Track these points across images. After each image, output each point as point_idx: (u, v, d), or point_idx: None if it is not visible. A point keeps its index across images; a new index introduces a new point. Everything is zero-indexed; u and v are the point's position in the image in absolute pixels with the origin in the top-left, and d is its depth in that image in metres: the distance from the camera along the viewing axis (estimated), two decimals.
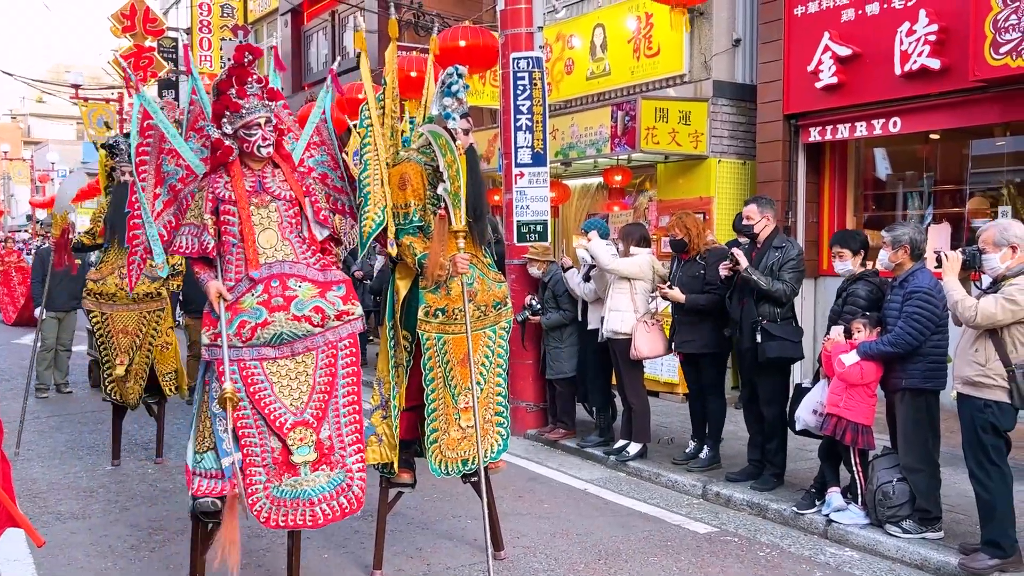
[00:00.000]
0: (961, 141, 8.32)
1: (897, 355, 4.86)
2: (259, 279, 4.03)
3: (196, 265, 4.14)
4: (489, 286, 4.58)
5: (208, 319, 4.05)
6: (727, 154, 9.43)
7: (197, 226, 4.12)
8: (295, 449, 3.94)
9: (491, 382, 4.61)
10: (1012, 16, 6.67)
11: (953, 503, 5.21)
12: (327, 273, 4.17)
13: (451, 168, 4.30)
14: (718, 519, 5.59)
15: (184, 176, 4.26)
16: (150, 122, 4.28)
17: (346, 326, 4.13)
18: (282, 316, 3.99)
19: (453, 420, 4.46)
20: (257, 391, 3.96)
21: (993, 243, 4.37)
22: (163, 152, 4.25)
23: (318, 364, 4.06)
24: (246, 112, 4.09)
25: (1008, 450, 4.51)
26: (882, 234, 5.07)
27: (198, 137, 4.34)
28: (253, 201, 4.12)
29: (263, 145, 4.11)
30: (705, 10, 9.33)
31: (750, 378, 5.97)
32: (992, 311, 4.22)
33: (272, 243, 4.10)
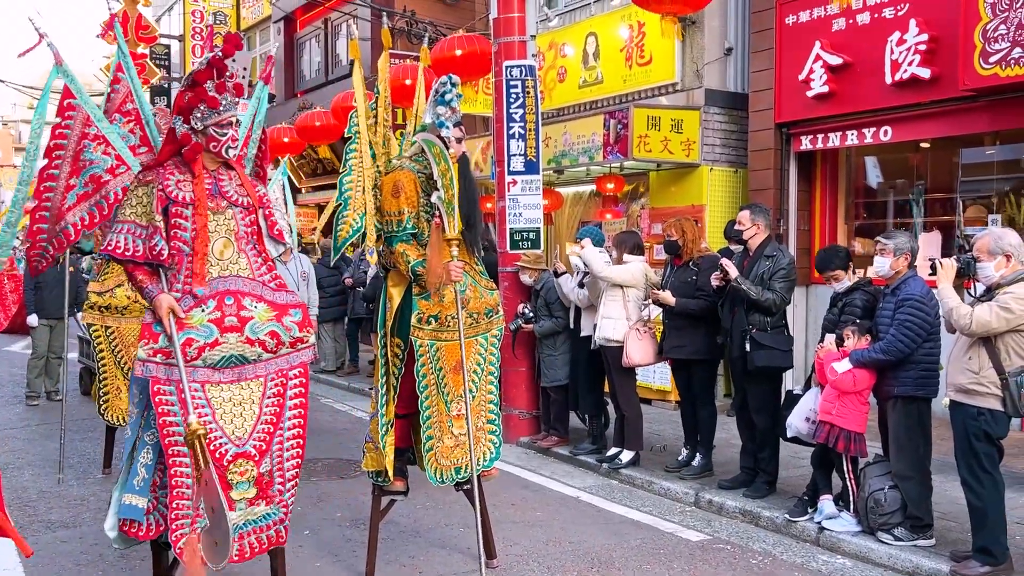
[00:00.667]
0: (951, 150, 8.37)
1: (889, 362, 4.87)
2: (210, 294, 3.67)
3: (137, 271, 3.67)
4: (481, 293, 4.56)
5: (148, 331, 3.63)
6: (719, 162, 9.46)
7: (142, 226, 3.66)
8: (234, 484, 3.63)
9: (483, 390, 4.59)
10: (1001, 26, 6.73)
11: (944, 510, 5.22)
12: (283, 294, 3.84)
13: (445, 176, 4.28)
14: (711, 527, 5.59)
15: (113, 167, 3.86)
16: (72, 102, 3.88)
17: (298, 354, 3.85)
18: (234, 337, 3.65)
19: (447, 428, 4.44)
20: (199, 417, 3.59)
21: (988, 251, 4.39)
22: (85, 137, 3.84)
23: (266, 392, 3.74)
24: (223, 109, 3.75)
25: (1000, 458, 4.52)
26: (881, 241, 5.05)
27: (124, 121, 3.96)
28: (210, 205, 3.74)
29: (232, 146, 3.78)
30: (697, 19, 9.37)
31: (741, 386, 5.98)
32: (987, 319, 4.24)
33: (227, 255, 3.74)
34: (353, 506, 5.82)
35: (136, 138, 3.87)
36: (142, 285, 3.67)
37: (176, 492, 3.59)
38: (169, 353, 3.57)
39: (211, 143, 3.74)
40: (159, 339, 3.60)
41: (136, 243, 3.64)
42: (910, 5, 7.73)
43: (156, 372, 3.60)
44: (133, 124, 3.86)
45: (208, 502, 3.51)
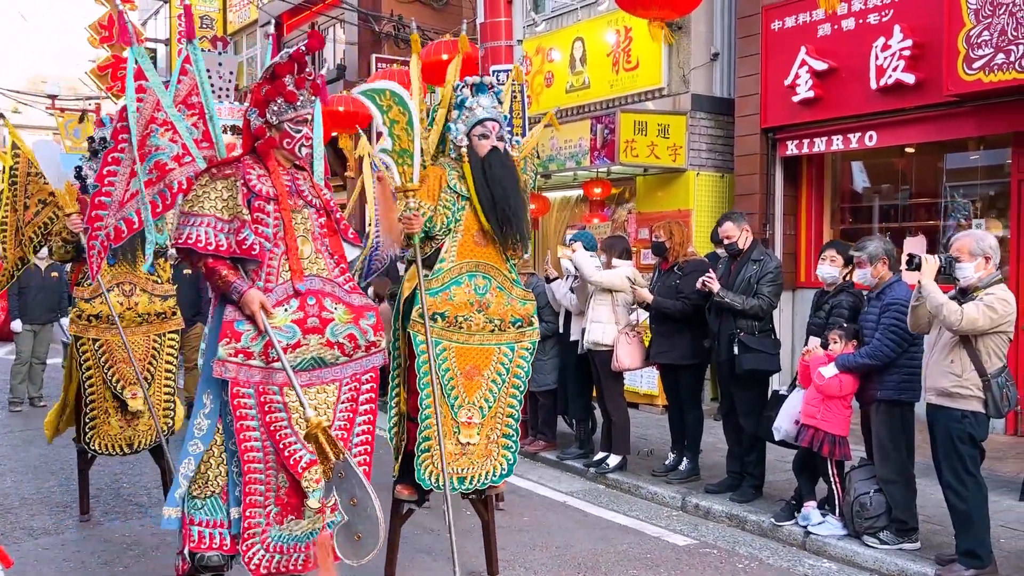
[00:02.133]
0: (936, 155, 8.43)
1: (876, 367, 4.89)
2: (292, 293, 3.52)
3: (220, 266, 3.48)
4: (507, 300, 4.38)
5: (230, 329, 3.44)
6: (705, 167, 9.49)
7: (225, 220, 3.49)
8: (310, 492, 3.45)
9: (502, 401, 4.39)
10: (984, 32, 6.78)
11: (928, 514, 5.24)
12: (358, 297, 3.71)
13: (396, 125, 4.10)
14: (697, 531, 5.59)
15: (179, 155, 3.66)
16: (144, 84, 3.67)
17: (372, 358, 3.70)
18: (316, 339, 3.51)
19: (451, 432, 4.26)
20: (274, 420, 3.46)
21: (969, 252, 4.41)
22: (154, 121, 3.66)
23: (340, 397, 3.61)
24: (300, 105, 3.61)
25: (981, 460, 4.54)
26: (855, 254, 5.10)
27: (188, 114, 3.80)
28: (288, 204, 3.61)
29: (306, 144, 3.66)
30: (683, 24, 9.41)
31: (728, 390, 5.99)
32: (975, 316, 4.26)
33: (306, 254, 3.61)
34: None
35: (199, 132, 3.74)
36: (228, 279, 3.46)
37: (250, 500, 3.45)
38: (251, 354, 3.43)
39: (285, 139, 3.62)
40: (241, 337, 3.42)
41: (219, 236, 3.47)
42: (894, 11, 7.78)
43: (236, 373, 3.43)
44: (197, 118, 3.74)
45: (347, 493, 3.33)
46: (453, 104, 4.43)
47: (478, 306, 4.27)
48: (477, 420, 4.29)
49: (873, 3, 7.97)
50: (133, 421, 5.47)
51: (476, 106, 4.35)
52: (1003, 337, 4.36)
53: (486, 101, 4.39)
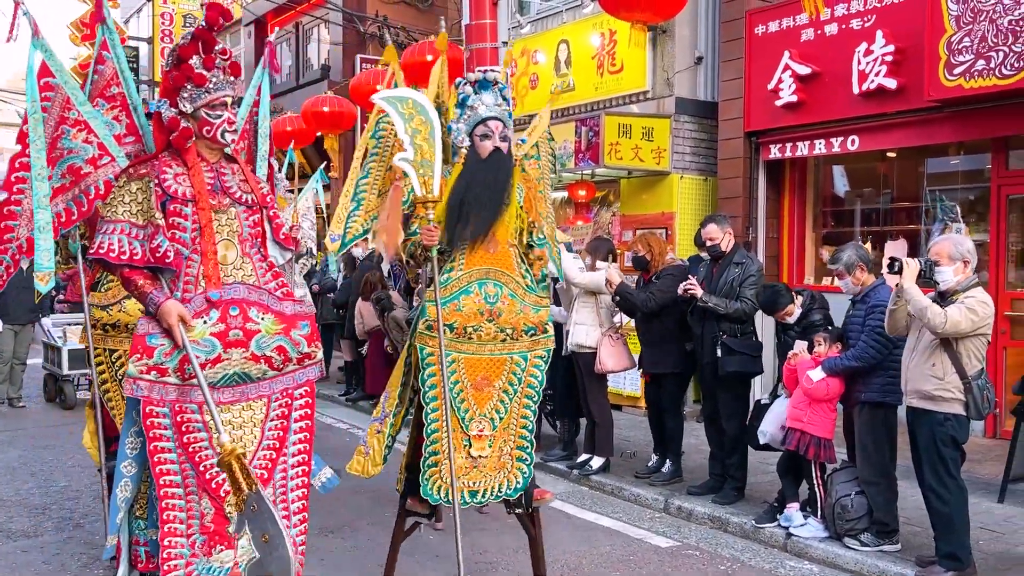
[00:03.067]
0: (917, 159, 8.49)
1: (862, 369, 4.93)
2: (214, 302, 3.25)
3: (136, 275, 3.25)
4: (520, 308, 4.12)
5: (141, 344, 3.19)
6: (689, 170, 9.53)
7: (139, 226, 3.23)
8: (232, 519, 3.20)
9: (515, 412, 4.17)
10: (965, 39, 6.84)
11: (909, 516, 5.28)
12: (290, 304, 3.42)
13: (419, 135, 3.85)
14: (680, 533, 5.61)
15: (95, 157, 3.39)
16: (50, 80, 3.37)
17: (305, 371, 3.46)
18: (239, 353, 3.26)
19: (461, 446, 4.07)
20: (192, 441, 3.21)
21: (948, 256, 4.45)
22: (64, 122, 3.38)
23: (270, 414, 3.35)
24: (212, 87, 3.30)
25: (962, 462, 4.58)
26: (830, 267, 5.15)
27: (108, 107, 3.51)
28: (211, 203, 3.33)
29: (228, 130, 3.34)
30: (667, 28, 9.44)
31: (711, 392, 6.02)
32: (958, 319, 4.29)
33: (230, 259, 3.33)
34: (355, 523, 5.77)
35: (122, 127, 3.45)
36: (144, 291, 3.23)
37: (168, 529, 3.20)
38: (164, 370, 3.19)
39: (204, 127, 3.32)
40: (154, 353, 3.18)
41: (133, 244, 3.22)
42: (877, 17, 7.84)
43: (149, 391, 3.18)
44: (119, 111, 3.45)
45: (259, 528, 3.07)
46: (449, 104, 4.25)
47: (488, 315, 4.05)
48: (488, 432, 4.10)
49: (856, 9, 8.03)
50: None
51: (478, 104, 4.14)
52: (982, 340, 4.40)
53: (489, 98, 4.17)
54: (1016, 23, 6.57)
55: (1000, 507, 5.74)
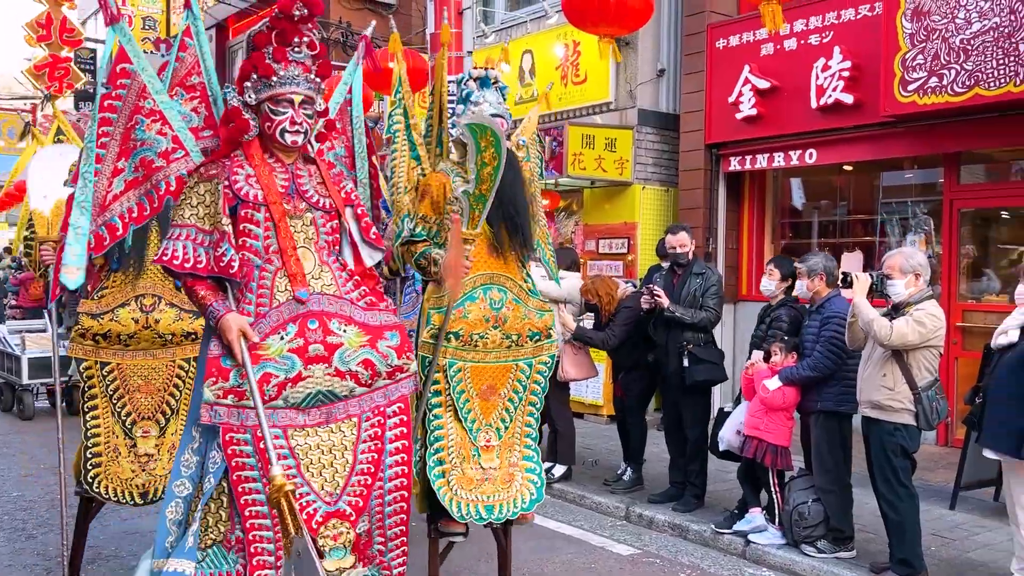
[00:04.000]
0: (872, 173, 8.68)
1: (817, 379, 5.02)
2: (289, 317, 2.95)
3: (199, 286, 2.97)
4: (524, 313, 3.99)
5: (216, 366, 2.90)
6: (651, 181, 9.63)
7: (206, 232, 2.97)
8: (327, 551, 2.97)
9: (519, 420, 4.03)
10: (919, 56, 7.02)
11: (864, 523, 5.38)
12: (375, 314, 3.13)
13: (486, 168, 3.65)
14: (641, 540, 5.66)
15: (168, 150, 3.14)
16: (126, 67, 3.12)
17: (398, 386, 3.16)
18: (321, 370, 2.96)
19: (470, 457, 3.90)
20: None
21: (899, 269, 4.56)
22: (139, 111, 3.13)
23: (361, 435, 3.07)
24: (278, 81, 3.01)
25: (913, 471, 4.69)
26: (796, 265, 5.27)
27: (187, 97, 3.27)
28: (285, 207, 3.04)
29: (288, 130, 3.02)
30: (631, 40, 9.55)
31: (674, 401, 6.08)
32: (905, 331, 4.40)
33: (309, 268, 3.05)
34: None
35: (200, 119, 3.22)
36: (205, 302, 2.94)
37: (256, 562, 2.91)
38: (243, 393, 2.88)
39: (265, 123, 3.04)
40: (230, 375, 2.87)
41: (198, 252, 2.95)
42: (835, 33, 8.01)
43: (228, 418, 2.88)
44: (198, 102, 3.21)
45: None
46: (442, 101, 4.11)
47: (494, 322, 3.90)
48: (495, 442, 3.95)
49: (814, 25, 8.19)
50: (148, 464, 4.43)
51: (483, 101, 4.05)
52: (933, 352, 4.51)
53: (492, 96, 4.09)
54: (967, 42, 6.76)
55: (951, 514, 5.88)
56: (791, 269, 5.43)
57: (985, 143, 7.37)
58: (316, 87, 3.10)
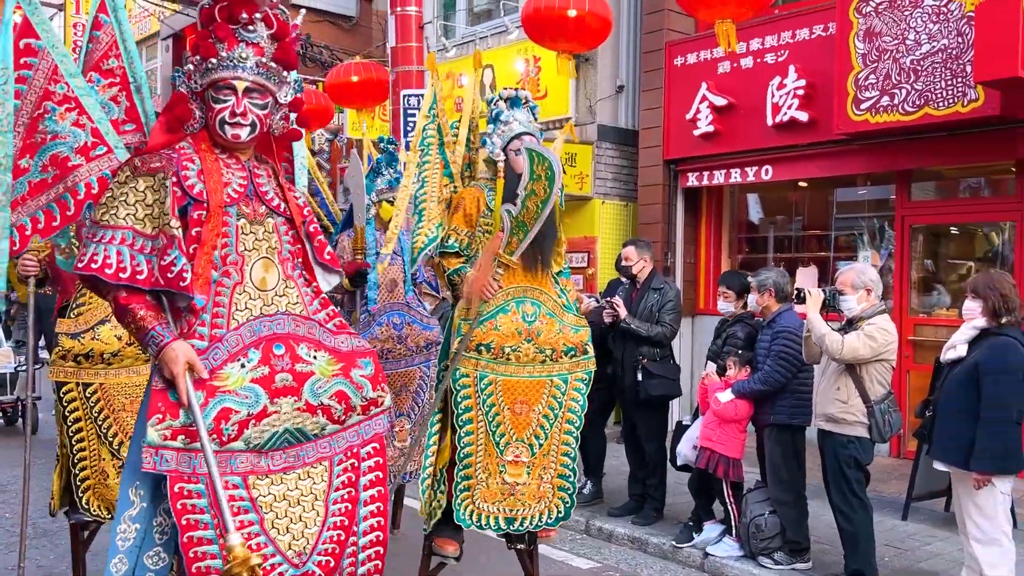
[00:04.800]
0: (827, 189, 8.85)
1: (768, 392, 5.09)
2: (251, 340, 2.51)
3: (135, 303, 2.47)
4: (559, 328, 3.96)
5: (163, 401, 2.42)
6: (610, 196, 9.71)
7: (147, 236, 2.47)
8: None
9: (555, 438, 3.95)
10: (871, 76, 7.18)
11: (820, 534, 5.46)
12: (345, 338, 2.71)
13: (534, 196, 3.66)
14: (600, 554, 5.67)
15: (88, 145, 2.69)
16: (31, 43, 2.67)
17: (371, 423, 2.73)
18: (289, 403, 2.52)
19: (496, 471, 3.86)
20: (240, 527, 2.43)
21: (851, 285, 4.65)
22: (49, 98, 2.67)
23: (333, 482, 2.60)
24: (218, 64, 2.55)
25: (867, 482, 4.77)
26: (749, 280, 5.36)
27: (104, 83, 2.81)
28: (244, 211, 2.59)
29: (228, 121, 2.56)
30: (590, 57, 9.64)
31: (631, 414, 6.13)
32: (856, 345, 4.49)
33: (271, 283, 2.60)
34: None
35: (120, 110, 2.76)
36: (143, 324, 2.44)
37: None
38: (195, 434, 2.39)
39: (208, 113, 2.60)
40: (180, 412, 2.40)
41: (137, 259, 2.45)
42: (790, 52, 8.17)
43: (177, 464, 2.39)
44: (118, 90, 2.76)
45: None
46: (480, 119, 4.23)
47: (527, 335, 3.87)
48: (526, 458, 3.89)
49: (770, 44, 8.35)
50: None
51: (512, 120, 4.11)
52: (885, 365, 4.61)
53: (522, 115, 4.14)
54: (917, 63, 6.93)
55: (904, 524, 5.98)
56: (744, 284, 5.52)
57: (935, 161, 7.55)
58: (271, 73, 2.63)
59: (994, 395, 4.06)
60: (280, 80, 2.67)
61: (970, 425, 4.11)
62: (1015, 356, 4.08)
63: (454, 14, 11.60)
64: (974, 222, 8.04)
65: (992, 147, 7.07)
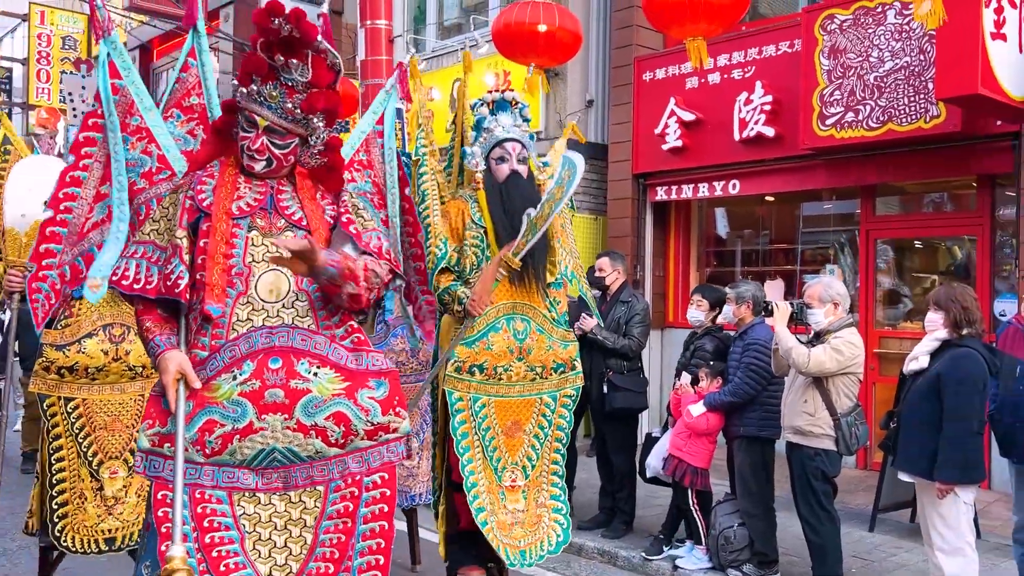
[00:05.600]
0: (793, 203, 8.95)
1: (738, 404, 5.12)
2: (247, 352, 2.45)
3: (147, 315, 2.55)
4: (549, 344, 3.81)
5: (155, 407, 2.45)
6: (580, 209, 9.74)
7: (161, 248, 2.56)
8: None
9: (545, 457, 3.79)
10: (836, 92, 7.29)
11: (788, 546, 5.48)
12: (361, 356, 2.58)
13: (552, 199, 3.48)
14: (570, 568, 5.65)
15: (152, 170, 2.75)
16: (117, 83, 2.79)
17: (380, 450, 2.55)
18: (279, 421, 2.42)
19: (498, 499, 3.64)
20: (217, 544, 2.36)
21: (819, 299, 4.70)
22: (124, 129, 2.77)
23: (327, 509, 2.47)
24: (247, 95, 2.59)
25: (834, 495, 4.81)
26: (727, 291, 5.39)
27: (183, 119, 2.91)
28: (258, 223, 2.58)
29: (247, 152, 2.59)
30: (560, 71, 9.69)
31: (600, 427, 6.13)
32: (823, 359, 4.53)
33: (279, 294, 2.54)
34: None
35: (196, 142, 2.90)
36: (147, 335, 2.51)
37: None
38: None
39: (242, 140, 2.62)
40: (168, 421, 2.41)
41: (151, 271, 2.52)
42: (756, 68, 8.27)
43: (163, 471, 2.39)
44: (195, 124, 2.90)
45: None
46: (463, 128, 4.00)
47: (518, 353, 3.71)
48: (521, 482, 3.70)
49: (737, 60, 8.45)
50: (114, 507, 4.09)
51: (495, 126, 3.87)
52: (852, 379, 4.65)
53: (506, 120, 3.89)
54: (881, 79, 7.05)
55: (871, 535, 6.04)
56: (720, 297, 5.55)
57: (898, 176, 7.67)
58: (296, 119, 2.60)
59: (955, 406, 4.11)
60: (309, 126, 2.65)
61: (933, 436, 4.15)
62: (976, 367, 4.14)
63: (424, 28, 11.62)
64: (937, 236, 8.18)
65: (954, 163, 7.20)
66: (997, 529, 5.99)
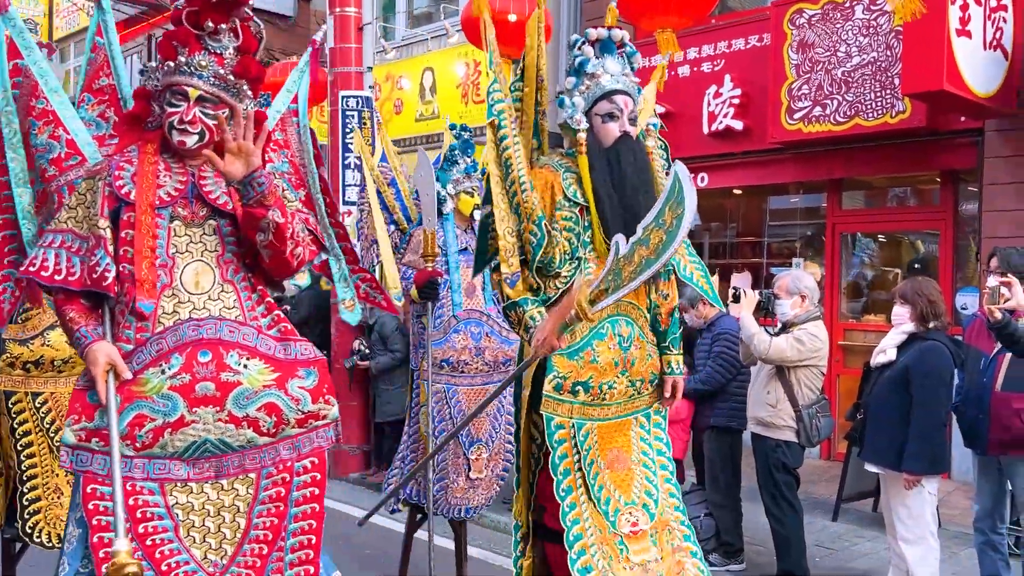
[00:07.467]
0: (761, 196, 9.03)
1: (708, 392, 5.17)
2: (174, 345, 2.42)
3: (70, 305, 2.47)
4: (649, 352, 3.00)
5: (81, 401, 2.40)
6: None
7: (82, 237, 2.48)
8: None
9: (664, 489, 2.98)
10: (804, 86, 7.35)
11: (753, 536, 5.55)
12: (288, 346, 2.57)
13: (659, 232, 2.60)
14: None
15: (61, 156, 2.62)
16: (20, 63, 2.68)
17: (310, 436, 2.57)
18: (211, 414, 2.42)
19: (617, 553, 2.79)
20: (151, 533, 2.38)
21: (787, 291, 4.75)
22: (30, 113, 2.64)
23: (259, 495, 2.50)
24: (175, 68, 2.50)
25: (797, 485, 4.87)
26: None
27: (95, 101, 2.77)
28: (180, 212, 2.52)
29: (176, 127, 2.49)
30: None
31: None
32: (783, 347, 4.58)
33: (205, 286, 2.52)
34: None
35: (108, 125, 2.75)
36: (71, 326, 2.45)
37: None
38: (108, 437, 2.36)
39: (163, 114, 2.53)
40: (95, 414, 2.37)
41: (72, 262, 2.46)
42: (726, 62, 8.31)
43: (92, 465, 2.38)
44: (106, 107, 2.75)
45: None
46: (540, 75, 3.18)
47: (623, 366, 2.91)
48: (645, 525, 2.87)
49: (707, 53, 8.48)
50: None
51: (601, 72, 3.06)
52: (815, 371, 4.70)
53: (615, 67, 3.08)
54: (848, 75, 7.12)
55: (834, 525, 6.12)
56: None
57: (865, 170, 7.77)
58: (229, 85, 2.53)
59: (923, 399, 4.17)
60: (240, 93, 2.58)
61: (901, 428, 4.22)
62: (942, 360, 4.21)
63: (393, 16, 11.54)
64: (902, 230, 8.29)
65: (918, 158, 7.30)
66: (956, 518, 6.10)
